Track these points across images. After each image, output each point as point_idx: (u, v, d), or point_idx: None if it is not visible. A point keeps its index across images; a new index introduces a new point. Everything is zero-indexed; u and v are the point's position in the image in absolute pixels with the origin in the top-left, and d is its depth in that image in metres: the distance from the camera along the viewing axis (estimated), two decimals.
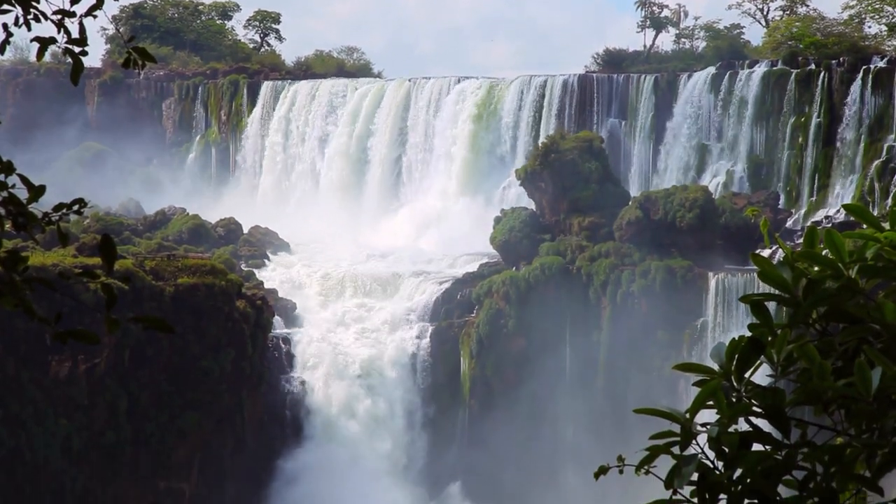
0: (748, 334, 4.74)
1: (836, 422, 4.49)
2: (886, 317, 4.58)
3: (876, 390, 4.24)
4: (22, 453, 56.85)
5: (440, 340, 71.30)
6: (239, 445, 65.52)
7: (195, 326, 62.22)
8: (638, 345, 67.13)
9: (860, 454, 4.35)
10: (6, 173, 5.49)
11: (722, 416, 4.55)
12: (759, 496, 4.46)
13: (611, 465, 5.23)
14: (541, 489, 66.99)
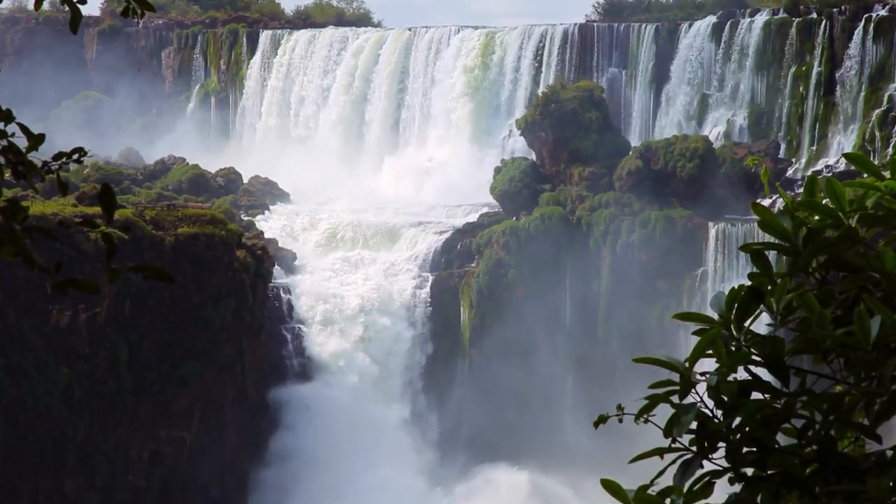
0: (748, 283, 4.75)
1: (835, 370, 4.50)
2: (886, 265, 4.58)
3: (875, 339, 4.24)
4: (23, 401, 57.06)
5: (440, 290, 71.37)
6: (239, 394, 65.72)
7: (195, 276, 62.26)
8: (637, 295, 67.19)
9: (859, 402, 4.36)
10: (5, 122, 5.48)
11: (721, 365, 4.56)
12: (758, 444, 4.47)
13: (610, 413, 5.24)
14: (541, 438, 67.22)
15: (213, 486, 64.17)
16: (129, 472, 60.87)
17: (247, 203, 79.39)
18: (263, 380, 67.14)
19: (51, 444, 58.04)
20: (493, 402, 68.36)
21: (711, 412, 4.56)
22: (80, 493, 59.08)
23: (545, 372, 69.35)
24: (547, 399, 69.00)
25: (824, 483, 4.36)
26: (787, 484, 4.43)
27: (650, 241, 67.38)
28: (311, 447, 65.36)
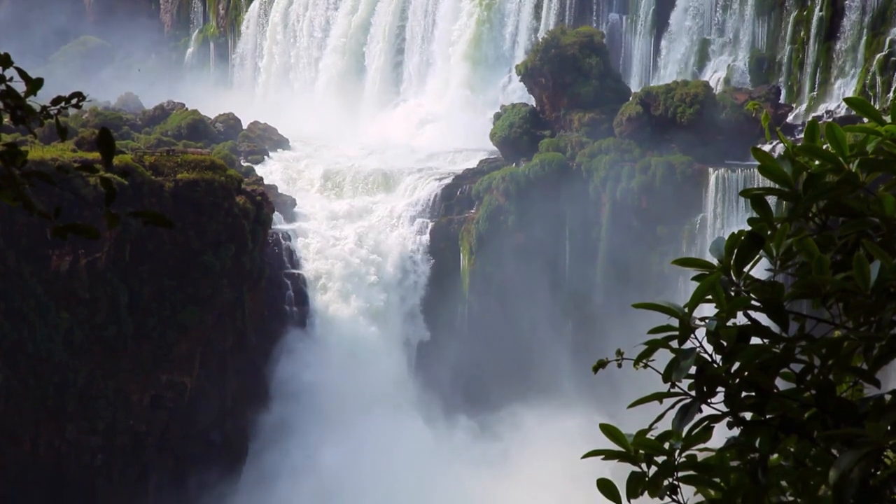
0: (748, 229, 4.74)
1: (835, 315, 4.50)
2: (886, 210, 4.58)
3: (874, 283, 4.25)
4: (24, 346, 57.18)
5: (440, 236, 71.37)
6: (239, 340, 65.86)
7: (195, 222, 62.22)
8: (637, 240, 67.21)
9: (857, 347, 4.37)
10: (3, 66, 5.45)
11: (720, 311, 4.56)
12: (757, 389, 4.48)
13: (609, 359, 5.25)
14: (540, 384, 67.42)
15: (213, 431, 64.43)
16: (129, 417, 61.11)
17: (246, 149, 79.25)
18: (263, 325, 67.28)
19: (52, 388, 58.22)
20: (493, 347, 68.53)
21: (710, 357, 4.56)
22: (81, 437, 59.33)
23: (544, 318, 69.46)
24: (546, 344, 69.14)
25: (823, 427, 4.38)
26: (785, 428, 4.44)
27: (650, 187, 67.31)
28: (311, 391, 65.58)
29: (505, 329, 69.02)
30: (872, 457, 4.00)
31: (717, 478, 4.55)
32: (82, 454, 59.47)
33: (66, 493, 58.53)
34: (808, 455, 4.47)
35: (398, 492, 61.37)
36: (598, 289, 68.73)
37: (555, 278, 69.97)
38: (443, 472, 63.66)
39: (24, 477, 57.21)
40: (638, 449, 4.61)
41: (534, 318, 69.34)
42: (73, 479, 58.85)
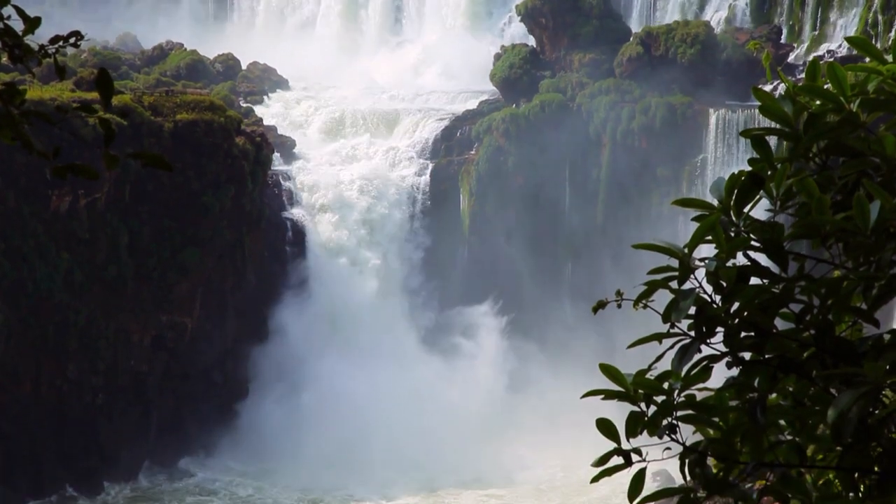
0: (748, 169, 4.74)
1: (834, 255, 4.50)
2: (887, 150, 4.57)
3: (874, 223, 4.25)
4: (24, 286, 57.25)
5: (440, 178, 71.30)
6: (239, 281, 65.97)
7: (195, 163, 62.13)
8: (637, 182, 67.18)
9: (857, 287, 4.37)
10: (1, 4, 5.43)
11: (720, 251, 4.56)
12: (756, 329, 4.49)
13: (609, 299, 5.26)
14: (540, 323, 67.59)
15: (214, 371, 64.68)
16: (130, 357, 61.31)
17: (245, 89, 78.98)
18: (263, 266, 67.36)
19: (52, 328, 58.35)
20: (493, 288, 68.66)
21: (710, 297, 4.57)
22: (82, 377, 59.54)
23: (545, 258, 69.56)
24: (547, 284, 69.28)
25: (821, 367, 4.39)
26: (784, 368, 4.45)
27: (650, 128, 67.19)
28: (311, 334, 65.76)
29: (505, 269, 69.14)
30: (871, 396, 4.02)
31: (716, 417, 4.56)
32: (83, 394, 59.70)
33: (67, 432, 58.81)
34: (806, 394, 4.49)
35: (398, 421, 61.71)
36: (597, 229, 68.75)
37: (555, 219, 69.98)
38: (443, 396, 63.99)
39: (25, 416, 57.46)
40: (637, 389, 4.63)
41: (534, 259, 69.43)
42: (74, 419, 59.11)
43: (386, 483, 59.23)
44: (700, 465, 4.51)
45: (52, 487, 57.31)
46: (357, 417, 62.17)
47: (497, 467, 61.44)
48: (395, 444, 60.58)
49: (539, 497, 59.30)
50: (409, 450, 60.46)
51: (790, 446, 4.53)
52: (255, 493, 59.47)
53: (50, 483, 57.35)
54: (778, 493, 4.41)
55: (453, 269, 70.73)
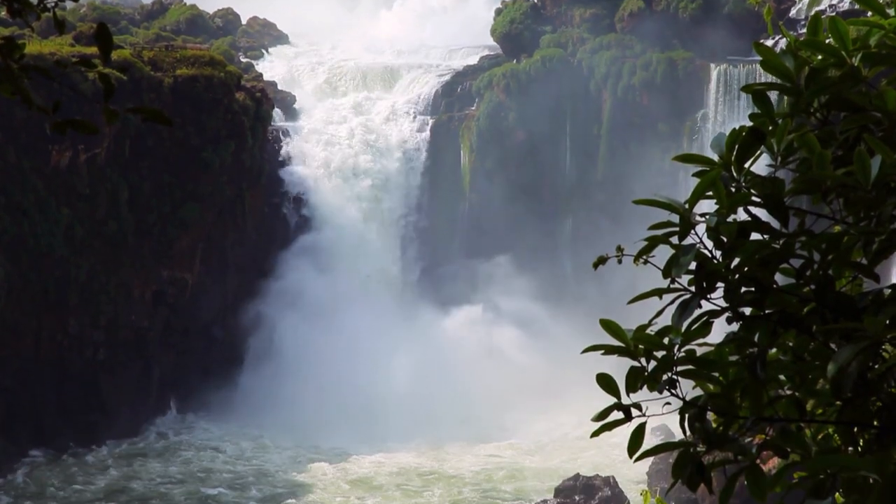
0: (749, 125, 4.73)
1: (835, 210, 4.50)
2: (888, 105, 4.56)
3: (875, 178, 4.24)
4: (25, 241, 57.26)
5: (440, 134, 71.20)
6: (240, 237, 66.02)
7: (195, 118, 62.04)
8: (638, 137, 67.07)
9: (857, 242, 4.37)
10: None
11: (721, 206, 4.56)
12: (757, 284, 4.50)
13: (609, 254, 5.26)
14: (539, 279, 67.65)
15: (215, 326, 64.83)
16: (131, 312, 61.41)
17: (245, 45, 78.79)
18: (263, 222, 67.39)
19: (53, 282, 58.42)
20: (493, 244, 68.68)
21: (710, 253, 4.57)
22: (83, 332, 59.66)
23: (545, 214, 69.55)
24: (548, 241, 69.32)
25: (821, 322, 4.40)
26: (784, 323, 4.46)
27: (651, 83, 67.04)
28: (311, 288, 65.84)
29: (506, 225, 69.12)
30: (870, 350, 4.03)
31: (716, 372, 4.57)
32: (85, 349, 59.84)
33: (68, 386, 58.97)
34: (806, 349, 4.50)
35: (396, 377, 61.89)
36: (598, 185, 68.72)
37: (555, 175, 69.93)
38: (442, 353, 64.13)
39: (26, 370, 57.61)
40: (637, 344, 4.64)
41: (534, 215, 69.41)
42: (75, 373, 59.26)
43: (385, 439, 59.41)
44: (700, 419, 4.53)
45: (53, 441, 57.52)
46: (356, 373, 62.34)
47: (497, 424, 61.64)
48: (393, 401, 60.71)
49: (538, 453, 59.50)
50: (408, 407, 60.60)
51: (790, 401, 4.54)
52: (254, 448, 59.68)
53: (51, 437, 57.56)
54: (777, 448, 4.42)
55: (453, 224, 70.74)
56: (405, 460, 57.61)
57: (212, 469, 56.41)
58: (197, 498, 52.37)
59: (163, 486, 53.90)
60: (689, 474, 4.49)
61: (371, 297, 67.36)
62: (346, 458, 57.91)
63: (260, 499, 52.27)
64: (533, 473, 56.16)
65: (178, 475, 55.53)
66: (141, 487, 53.52)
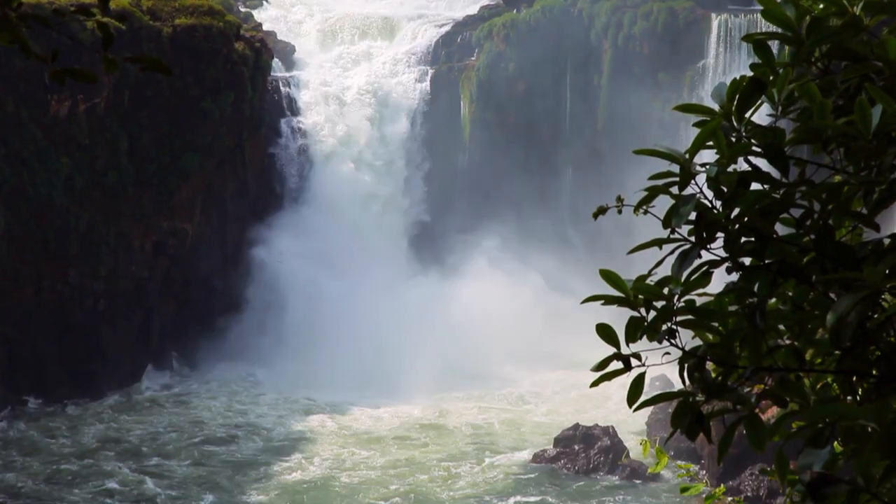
0: (750, 74, 4.71)
1: (835, 160, 4.49)
2: (889, 54, 4.55)
3: (876, 127, 4.23)
4: (25, 190, 57.22)
5: (440, 84, 71.00)
6: (240, 187, 65.96)
7: (194, 68, 61.88)
8: (638, 87, 66.87)
9: (858, 191, 4.37)
10: None
11: (721, 156, 4.56)
12: (757, 234, 4.50)
13: (609, 205, 5.26)
14: (539, 230, 67.64)
15: (215, 278, 64.87)
16: (132, 263, 61.43)
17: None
18: (263, 173, 67.32)
19: (53, 232, 58.42)
20: (493, 195, 68.64)
21: (711, 203, 4.57)
22: (83, 282, 59.71)
23: (546, 164, 69.47)
24: (548, 191, 69.27)
25: (821, 271, 4.40)
26: (784, 272, 4.46)
27: (652, 33, 66.78)
28: (310, 239, 65.82)
29: (506, 176, 69.06)
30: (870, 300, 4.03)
31: (716, 322, 4.58)
32: (85, 299, 59.91)
33: (69, 336, 59.08)
34: (806, 299, 4.50)
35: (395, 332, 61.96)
36: (598, 136, 68.63)
37: (555, 125, 69.80)
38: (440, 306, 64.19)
39: (27, 320, 57.71)
40: (637, 294, 4.64)
41: (535, 165, 69.36)
42: (76, 324, 59.36)
43: (385, 392, 59.46)
44: (699, 369, 4.54)
45: (54, 391, 57.70)
46: (357, 326, 62.41)
47: (497, 377, 61.77)
48: (394, 354, 60.78)
49: (538, 405, 59.68)
50: (409, 360, 60.69)
51: (789, 350, 4.55)
52: (254, 399, 59.84)
53: (52, 387, 57.73)
54: (776, 397, 4.44)
55: (453, 175, 70.65)
56: (405, 413, 57.67)
57: (210, 419, 56.57)
58: (195, 448, 52.54)
59: (160, 437, 54.07)
60: (688, 424, 4.50)
61: (371, 248, 67.37)
62: (345, 410, 57.99)
63: (259, 449, 52.41)
64: (533, 426, 56.34)
65: (176, 425, 55.71)
66: (138, 437, 53.67)
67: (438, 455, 51.89)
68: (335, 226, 66.99)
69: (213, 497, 45.96)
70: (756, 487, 44.16)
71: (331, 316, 62.98)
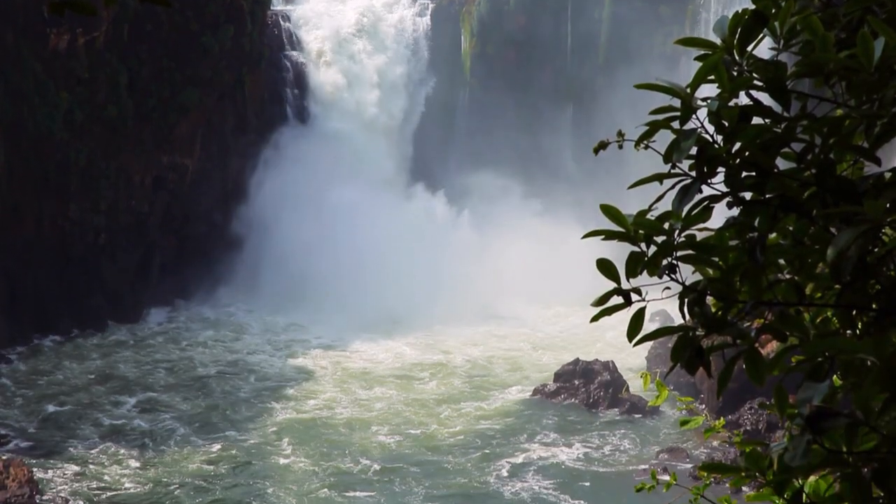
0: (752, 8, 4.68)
1: (837, 94, 4.48)
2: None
3: (878, 61, 4.21)
4: (25, 124, 57.08)
5: (441, 18, 70.69)
6: (240, 122, 65.83)
7: (194, 2, 61.58)
8: (640, 21, 66.59)
9: (859, 125, 4.35)
10: None
11: (723, 90, 4.54)
12: (757, 169, 4.49)
13: (610, 140, 5.24)
14: (540, 165, 67.61)
15: (215, 213, 64.86)
16: (132, 197, 61.46)
17: None
18: (263, 107, 67.15)
19: (53, 166, 58.37)
20: (493, 130, 68.54)
21: (712, 138, 4.56)
22: (84, 216, 59.75)
23: (546, 101, 69.29)
24: (547, 127, 69.13)
25: (822, 206, 4.39)
26: (784, 207, 4.46)
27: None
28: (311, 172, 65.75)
29: (507, 110, 68.91)
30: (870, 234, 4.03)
31: (716, 257, 4.58)
32: (86, 233, 59.97)
33: (70, 270, 59.20)
34: (806, 233, 4.50)
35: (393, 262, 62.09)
36: (599, 70, 68.38)
37: (556, 60, 69.54)
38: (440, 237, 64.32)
39: (29, 255, 57.79)
40: (638, 229, 4.63)
41: (536, 100, 69.18)
42: (77, 258, 59.47)
43: (384, 329, 59.62)
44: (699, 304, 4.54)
45: (56, 325, 57.89)
46: (356, 261, 62.49)
47: (497, 314, 61.94)
48: (394, 291, 60.89)
49: (539, 342, 59.88)
50: (408, 296, 60.80)
51: (789, 285, 4.55)
52: (253, 334, 60.07)
53: (54, 321, 57.91)
54: (776, 331, 4.44)
55: (453, 110, 70.50)
56: (404, 351, 57.77)
57: (209, 356, 56.78)
58: (193, 384, 52.73)
59: (157, 369, 54.28)
60: (687, 358, 4.51)
61: (370, 181, 67.32)
62: (345, 347, 58.08)
63: (256, 386, 52.50)
64: (533, 361, 56.53)
65: (176, 361, 55.94)
66: (137, 373, 53.88)
67: (438, 392, 52.00)
68: (334, 158, 66.88)
69: (209, 434, 46.06)
70: (755, 421, 44.41)
71: (332, 249, 63.03)
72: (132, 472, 41.79)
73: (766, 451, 4.56)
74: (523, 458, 43.90)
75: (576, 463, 43.60)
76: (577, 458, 44.03)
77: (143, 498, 39.41)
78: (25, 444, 44.04)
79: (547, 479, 41.71)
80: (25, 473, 38.70)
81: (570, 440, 45.95)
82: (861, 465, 3.89)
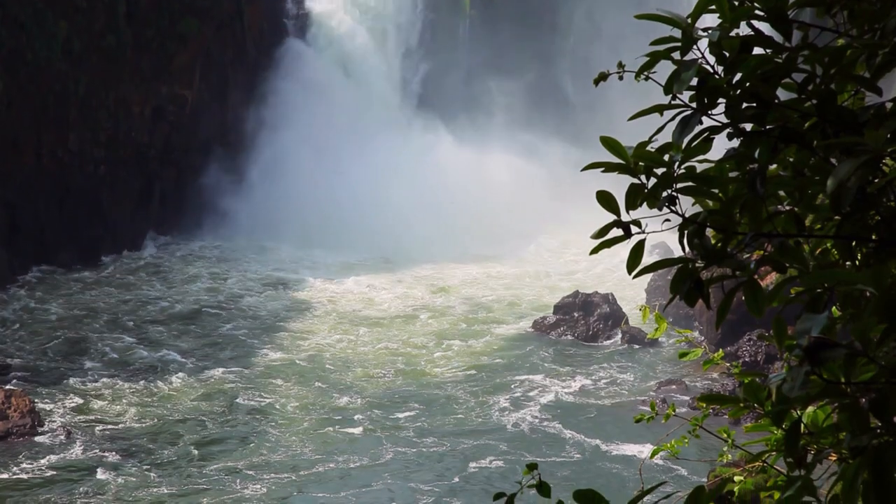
0: None
1: (839, 24, 4.46)
2: None
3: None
4: (23, 54, 56.74)
5: None
6: (239, 54, 65.54)
7: None
8: None
9: (861, 55, 4.34)
10: None
11: (723, 21, 4.51)
12: (758, 99, 4.47)
13: (610, 71, 5.23)
14: (539, 98, 67.40)
15: (215, 144, 64.74)
16: (132, 129, 61.32)
17: None
18: (263, 38, 66.83)
19: (52, 97, 58.11)
20: (494, 62, 68.31)
21: (712, 68, 4.54)
22: (83, 148, 59.63)
23: (546, 33, 69.02)
24: (548, 59, 68.92)
25: (822, 136, 4.38)
26: (785, 138, 4.45)
27: None
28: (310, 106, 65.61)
29: (507, 44, 68.63)
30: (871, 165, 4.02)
31: (716, 188, 4.57)
32: (86, 164, 59.86)
33: (70, 202, 59.14)
34: (806, 164, 4.49)
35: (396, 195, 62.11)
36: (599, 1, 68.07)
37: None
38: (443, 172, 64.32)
39: (29, 186, 57.68)
40: (637, 161, 4.62)
41: (534, 34, 68.87)
42: (77, 189, 59.39)
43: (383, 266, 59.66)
44: (699, 235, 4.54)
45: (56, 256, 57.93)
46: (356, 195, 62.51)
47: (496, 249, 61.95)
48: (393, 228, 60.91)
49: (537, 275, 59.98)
50: (409, 224, 60.87)
51: (789, 216, 4.55)
52: (252, 268, 60.12)
53: (54, 251, 57.94)
54: (775, 263, 4.44)
55: (454, 43, 70.21)
56: (402, 289, 57.63)
57: (209, 290, 56.86)
58: (190, 316, 52.82)
59: (156, 303, 54.37)
60: (686, 290, 4.52)
61: (374, 109, 67.19)
62: (343, 282, 58.00)
63: (252, 323, 52.39)
64: (532, 296, 56.59)
65: (173, 293, 56.04)
66: (134, 304, 53.93)
67: (436, 329, 51.86)
68: (335, 90, 66.74)
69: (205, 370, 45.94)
70: (754, 353, 44.58)
71: (333, 184, 63.03)
72: (131, 405, 41.93)
73: (765, 382, 4.58)
74: (523, 391, 44.01)
75: (575, 395, 43.78)
76: (576, 391, 44.20)
77: (141, 432, 39.56)
78: (26, 375, 44.16)
79: (547, 412, 41.87)
80: (27, 404, 38.88)
81: (570, 373, 46.09)
82: (859, 396, 3.91)
